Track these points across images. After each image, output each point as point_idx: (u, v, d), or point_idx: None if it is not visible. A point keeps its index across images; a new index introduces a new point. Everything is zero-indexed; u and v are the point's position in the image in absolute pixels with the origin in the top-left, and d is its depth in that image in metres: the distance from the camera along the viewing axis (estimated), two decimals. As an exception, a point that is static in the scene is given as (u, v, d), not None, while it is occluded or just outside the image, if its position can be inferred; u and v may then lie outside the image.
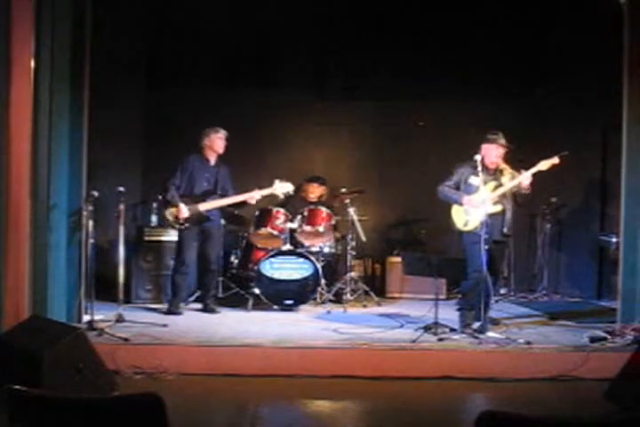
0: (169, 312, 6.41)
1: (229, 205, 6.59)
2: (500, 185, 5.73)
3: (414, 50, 7.65)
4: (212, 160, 6.53)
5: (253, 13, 7.59)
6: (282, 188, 6.47)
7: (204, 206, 6.40)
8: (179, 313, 6.40)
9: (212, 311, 6.55)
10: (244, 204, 6.55)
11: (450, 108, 7.76)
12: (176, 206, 6.32)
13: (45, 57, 5.40)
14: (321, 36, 7.82)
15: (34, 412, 2.46)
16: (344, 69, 8.10)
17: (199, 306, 6.71)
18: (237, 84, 8.02)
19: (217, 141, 6.47)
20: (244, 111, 7.90)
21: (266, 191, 6.46)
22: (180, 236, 6.49)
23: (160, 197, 6.68)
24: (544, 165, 5.62)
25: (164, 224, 6.65)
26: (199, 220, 6.41)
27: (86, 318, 5.72)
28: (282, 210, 7.03)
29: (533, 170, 5.65)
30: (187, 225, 6.36)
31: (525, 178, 5.63)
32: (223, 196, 6.50)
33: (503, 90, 7.75)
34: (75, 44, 5.67)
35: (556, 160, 5.61)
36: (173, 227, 6.43)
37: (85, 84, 5.86)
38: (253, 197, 6.43)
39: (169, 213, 6.36)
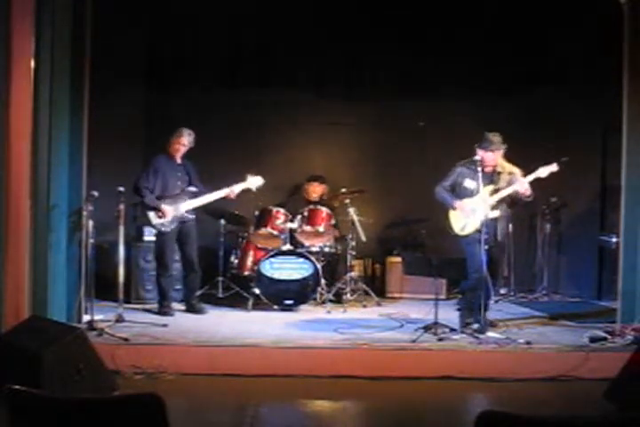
0: (160, 313, 6.41)
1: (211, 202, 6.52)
2: (498, 190, 5.68)
3: (414, 50, 7.64)
4: (178, 159, 6.50)
5: (253, 13, 7.58)
6: (254, 182, 6.47)
7: (184, 206, 6.38)
8: (171, 314, 6.38)
9: (199, 311, 6.53)
10: (223, 199, 6.48)
11: (450, 108, 7.75)
12: (158, 209, 6.30)
13: (45, 57, 5.40)
14: (321, 35, 7.81)
15: (34, 412, 2.46)
16: (344, 69, 8.09)
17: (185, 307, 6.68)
18: (237, 84, 8.01)
19: (174, 146, 6.42)
20: (243, 111, 7.90)
21: (241, 186, 6.44)
22: (158, 240, 6.46)
23: (136, 203, 6.62)
24: (543, 173, 5.56)
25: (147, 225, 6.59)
26: (182, 219, 6.39)
27: (86, 318, 5.72)
28: (282, 210, 7.03)
29: (531, 177, 5.60)
30: (172, 227, 6.35)
31: (522, 186, 5.59)
32: (198, 193, 6.46)
33: (503, 90, 7.74)
34: (75, 44, 5.67)
35: (554, 168, 5.55)
36: (159, 229, 6.35)
37: (85, 84, 5.87)
38: (233, 191, 6.40)
39: (152, 217, 6.32)
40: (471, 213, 5.68)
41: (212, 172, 6.83)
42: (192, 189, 6.48)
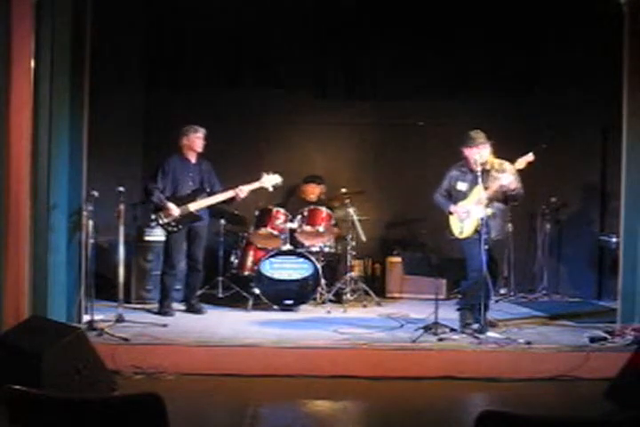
0: (160, 313, 6.41)
1: (220, 203, 6.51)
2: (487, 188, 5.61)
3: (414, 50, 7.65)
4: (193, 158, 6.50)
5: (253, 13, 7.59)
6: (270, 180, 6.43)
7: (194, 206, 6.37)
8: (171, 314, 6.39)
9: (198, 311, 6.53)
10: (233, 200, 6.46)
11: (450, 108, 7.76)
12: (165, 208, 6.31)
13: (45, 57, 5.40)
14: (321, 35, 7.82)
15: (34, 412, 2.46)
16: (344, 69, 8.09)
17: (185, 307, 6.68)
18: (237, 84, 8.01)
19: (196, 141, 6.41)
20: (244, 111, 7.90)
21: (254, 185, 6.41)
22: (168, 238, 6.46)
23: (143, 202, 6.77)
24: (520, 164, 5.52)
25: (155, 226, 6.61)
26: (191, 220, 6.39)
27: (86, 318, 5.72)
28: (282, 210, 7.03)
29: (511, 170, 5.58)
30: (180, 226, 6.35)
31: (507, 179, 5.56)
32: (212, 193, 6.46)
33: (503, 89, 7.75)
34: (75, 44, 5.67)
35: (530, 157, 5.50)
36: (166, 229, 6.39)
37: (85, 84, 5.86)
38: (242, 190, 6.36)
39: (160, 217, 6.33)
40: (466, 215, 5.70)
41: (216, 173, 6.81)
42: (206, 189, 6.48)
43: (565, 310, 6.82)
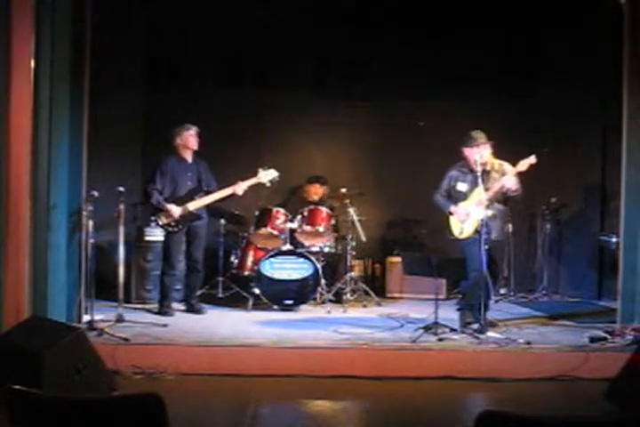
0: (160, 313, 6.41)
1: (218, 201, 6.52)
2: (488, 189, 5.62)
3: (414, 50, 7.65)
4: (189, 158, 6.50)
5: (253, 13, 7.58)
6: (266, 175, 6.44)
7: (193, 205, 6.37)
8: (171, 314, 6.39)
9: (198, 311, 6.53)
10: (231, 197, 6.48)
11: (450, 108, 7.76)
12: (165, 210, 6.31)
13: (45, 57, 5.40)
14: (321, 35, 7.82)
15: (34, 412, 2.46)
16: (344, 69, 8.10)
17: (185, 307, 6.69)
18: (237, 84, 8.02)
19: (190, 139, 6.43)
20: (243, 111, 7.90)
21: (251, 181, 6.42)
22: (167, 238, 6.47)
23: (143, 203, 6.80)
24: (522, 166, 5.54)
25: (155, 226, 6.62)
26: (191, 219, 6.40)
27: (86, 318, 5.72)
28: (282, 210, 7.03)
29: (513, 172, 5.61)
30: (180, 226, 6.36)
31: (509, 181, 5.59)
32: (209, 192, 6.47)
33: (503, 89, 7.75)
34: (75, 43, 5.67)
35: (532, 160, 5.52)
36: (166, 230, 6.39)
37: (85, 84, 5.87)
38: (236, 189, 6.38)
39: (159, 218, 6.34)
40: (466, 216, 5.70)
41: (212, 172, 6.81)
42: (203, 188, 6.48)
43: (565, 310, 6.82)
